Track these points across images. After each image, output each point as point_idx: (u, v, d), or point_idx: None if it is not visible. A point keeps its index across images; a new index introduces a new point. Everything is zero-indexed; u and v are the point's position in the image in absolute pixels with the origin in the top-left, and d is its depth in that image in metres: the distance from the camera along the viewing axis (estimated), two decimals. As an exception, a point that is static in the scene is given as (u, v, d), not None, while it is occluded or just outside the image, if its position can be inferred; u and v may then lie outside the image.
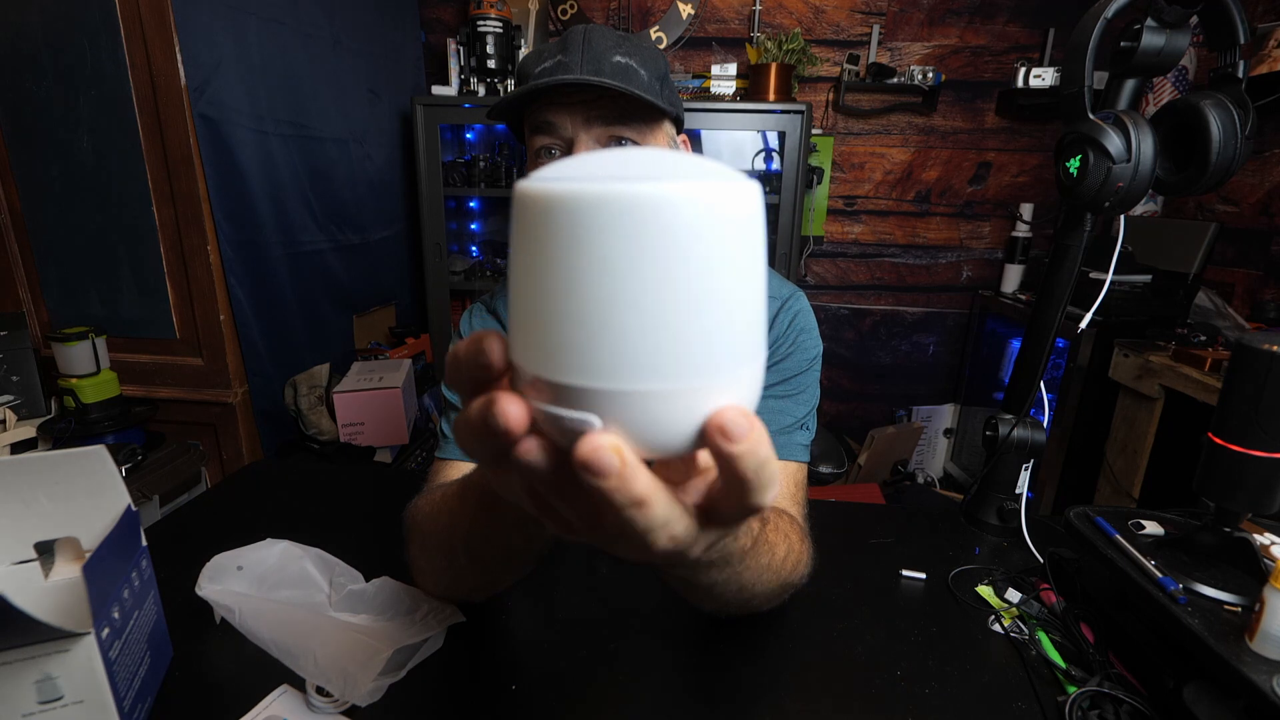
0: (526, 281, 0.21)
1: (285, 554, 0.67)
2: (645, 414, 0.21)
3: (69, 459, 0.51)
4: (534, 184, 0.20)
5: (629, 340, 0.19)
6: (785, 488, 0.68)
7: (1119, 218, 0.75)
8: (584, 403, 0.21)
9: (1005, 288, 2.35)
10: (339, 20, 1.83)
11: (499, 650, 0.62)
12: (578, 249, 0.19)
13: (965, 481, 2.44)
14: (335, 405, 1.70)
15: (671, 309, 0.19)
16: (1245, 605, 0.53)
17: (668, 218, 0.19)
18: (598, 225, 0.19)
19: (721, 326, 0.20)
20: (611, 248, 0.19)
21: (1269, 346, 0.54)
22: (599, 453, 0.20)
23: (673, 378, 0.20)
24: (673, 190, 0.19)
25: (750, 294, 0.21)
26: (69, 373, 1.35)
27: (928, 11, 2.26)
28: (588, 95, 0.63)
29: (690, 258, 0.19)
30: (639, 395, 0.20)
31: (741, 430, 0.21)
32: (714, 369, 0.21)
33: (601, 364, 0.20)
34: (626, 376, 0.20)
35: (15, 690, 0.44)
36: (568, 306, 0.20)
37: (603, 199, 0.19)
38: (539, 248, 0.20)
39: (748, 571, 0.47)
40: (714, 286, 0.20)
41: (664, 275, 0.19)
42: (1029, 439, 0.84)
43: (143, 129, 1.39)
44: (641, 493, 0.22)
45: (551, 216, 0.19)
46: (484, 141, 2.46)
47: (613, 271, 0.19)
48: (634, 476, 0.21)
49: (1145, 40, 0.69)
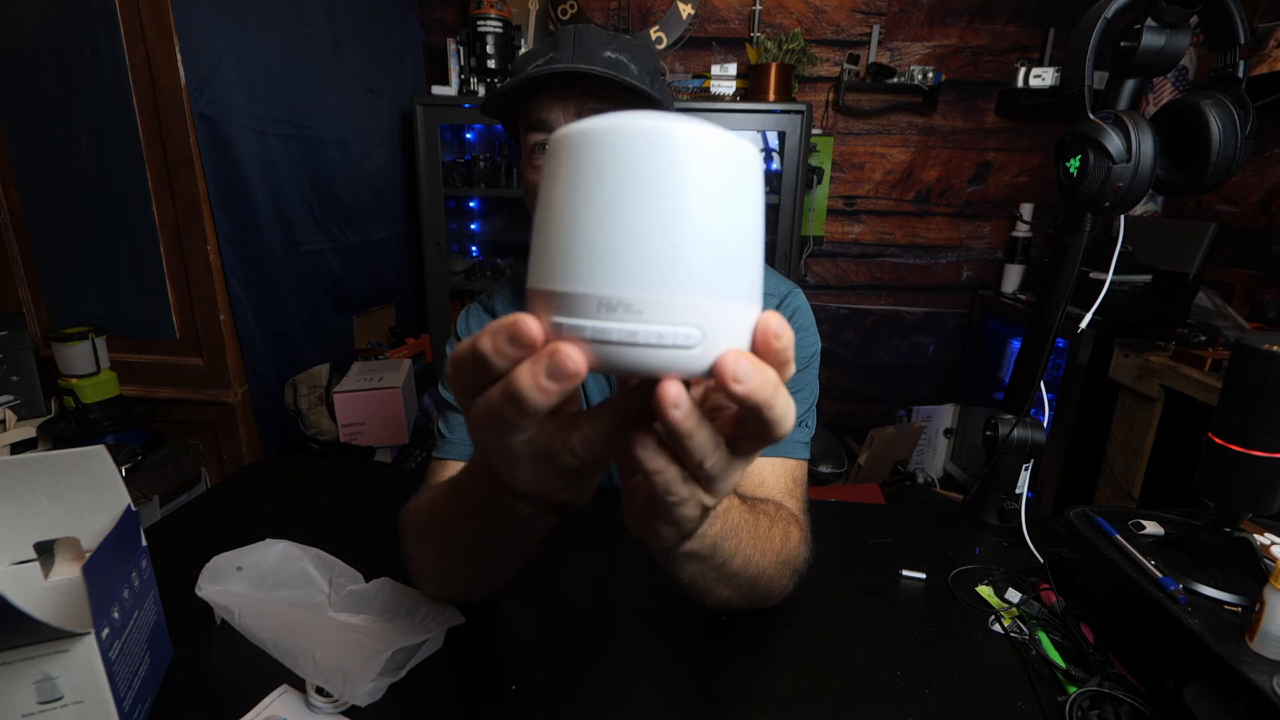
0: (568, 208, 0.24)
1: (285, 554, 0.67)
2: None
3: (69, 459, 0.51)
4: (578, 126, 0.23)
5: (653, 252, 0.22)
6: (783, 484, 0.69)
7: (1119, 218, 0.75)
8: (633, 311, 0.23)
9: (1005, 288, 2.34)
10: (339, 20, 1.83)
11: (499, 650, 0.62)
12: (606, 171, 0.23)
13: (965, 481, 2.44)
14: (335, 405, 1.70)
15: (707, 229, 0.23)
16: (1245, 605, 0.53)
17: (701, 151, 0.22)
18: (642, 152, 0.22)
19: (732, 248, 0.24)
20: (635, 171, 0.22)
21: (1269, 346, 0.54)
22: (669, 386, 0.24)
23: (697, 290, 0.23)
24: (699, 130, 0.22)
25: (755, 236, 0.25)
26: (69, 373, 1.35)
27: (928, 11, 2.26)
28: (580, 88, 0.64)
29: (703, 188, 0.22)
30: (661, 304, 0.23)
31: (746, 372, 0.23)
32: (740, 293, 0.24)
33: (643, 271, 0.22)
34: (654, 284, 0.22)
35: (15, 690, 0.44)
36: (609, 224, 0.23)
37: (642, 132, 0.22)
38: (578, 176, 0.23)
39: (743, 531, 0.48)
40: (741, 219, 0.24)
41: (674, 198, 0.22)
42: (1029, 439, 0.84)
43: (143, 129, 1.39)
44: (694, 425, 0.25)
45: (607, 143, 0.23)
46: (484, 141, 2.46)
47: (634, 191, 0.22)
48: (692, 410, 0.25)
49: (1145, 40, 0.69)
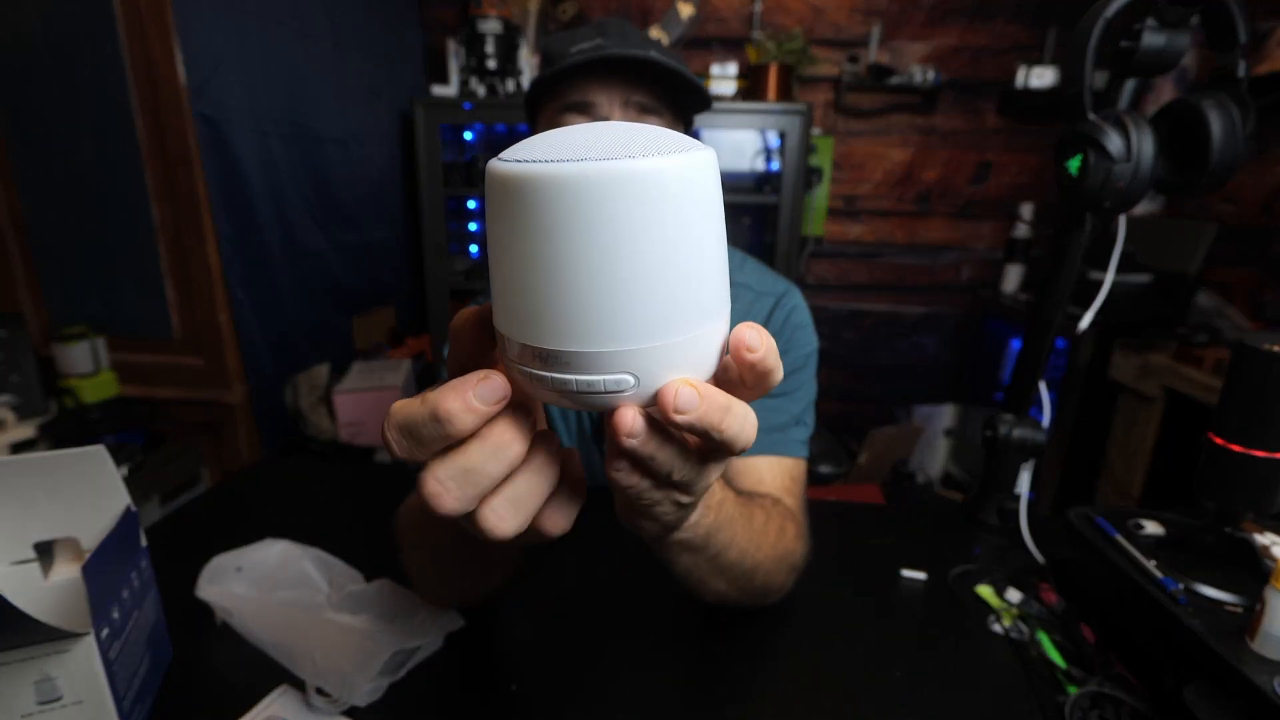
0: (500, 256, 0.23)
1: (285, 554, 0.67)
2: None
3: (69, 459, 0.51)
4: (503, 165, 0.21)
5: (594, 307, 0.21)
6: (781, 482, 0.69)
7: (1119, 218, 0.75)
8: (561, 363, 0.23)
9: (1005, 288, 2.34)
10: (339, 20, 1.83)
11: (498, 650, 0.62)
12: (525, 224, 0.21)
13: (965, 481, 2.44)
14: (335, 405, 1.70)
15: (631, 276, 0.21)
16: (1245, 605, 0.53)
17: (607, 195, 0.20)
18: (545, 204, 0.20)
19: (668, 283, 0.22)
20: (548, 223, 0.20)
21: (1269, 346, 0.54)
22: (626, 414, 0.24)
23: (636, 339, 0.22)
24: (602, 171, 0.20)
25: (697, 259, 0.23)
26: (69, 373, 1.35)
27: (928, 11, 2.25)
28: (625, 76, 0.65)
29: (615, 234, 0.20)
30: (609, 356, 0.22)
31: (686, 402, 0.23)
32: (680, 326, 0.23)
33: (568, 329, 0.22)
34: (602, 340, 0.22)
35: (14, 691, 0.44)
36: (534, 280, 0.21)
37: (547, 180, 0.20)
38: (502, 224, 0.22)
39: (737, 524, 0.48)
40: (673, 253, 0.21)
41: (588, 249, 0.21)
42: (1029, 439, 0.84)
43: (142, 129, 1.39)
44: (655, 448, 0.26)
45: (519, 196, 0.21)
46: (484, 141, 2.46)
47: (549, 244, 0.21)
48: (653, 433, 0.25)
49: (1145, 40, 0.68)
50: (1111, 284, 0.80)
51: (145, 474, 1.36)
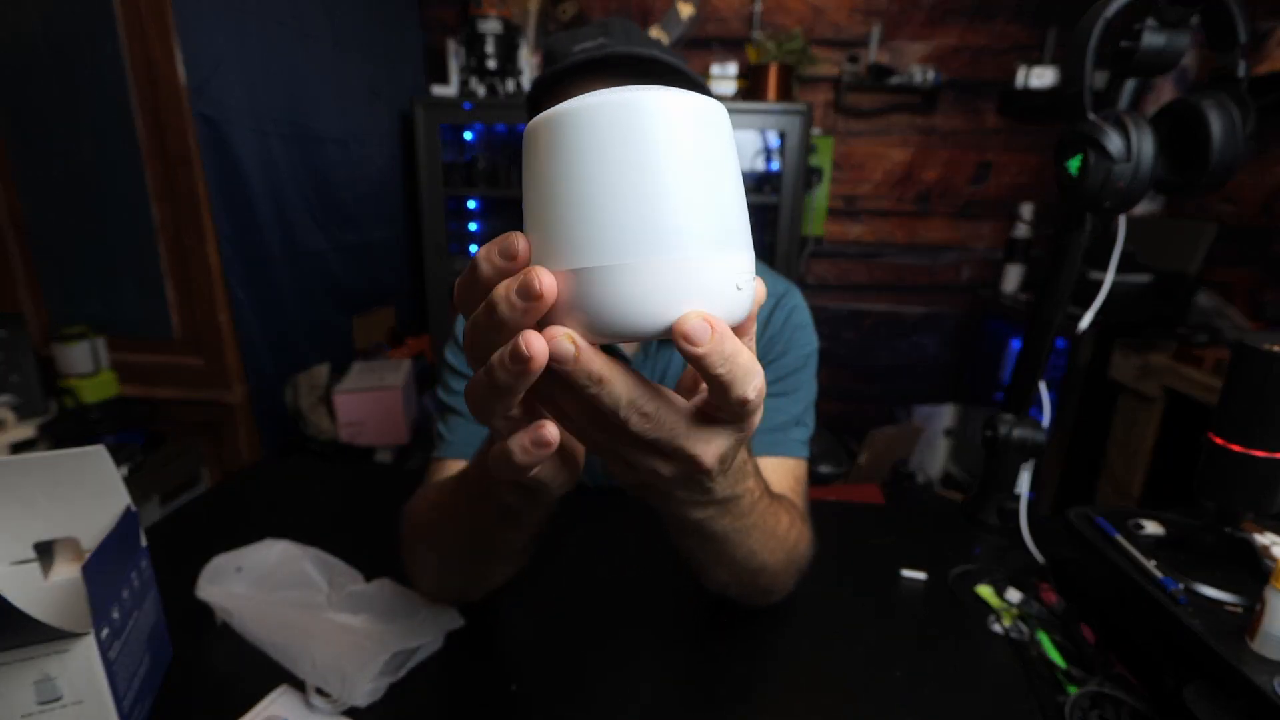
0: (534, 191, 0.26)
1: (285, 554, 0.67)
2: (625, 288, 0.24)
3: (69, 459, 0.51)
4: (546, 113, 0.25)
5: (607, 222, 0.24)
6: (786, 483, 0.68)
7: (1119, 218, 0.75)
8: (582, 283, 0.24)
9: (1005, 288, 2.34)
10: (339, 20, 1.83)
11: (498, 650, 0.62)
12: (552, 155, 0.25)
13: (965, 481, 2.44)
14: (335, 405, 1.70)
15: (641, 193, 0.23)
16: (1245, 605, 0.53)
17: (631, 117, 0.23)
18: (566, 132, 0.24)
19: (681, 210, 0.24)
20: (584, 149, 0.24)
21: (1269, 346, 0.54)
22: (556, 340, 0.24)
23: (644, 252, 0.24)
24: (642, 95, 0.24)
25: (710, 186, 0.25)
26: (69, 373, 1.35)
27: (928, 11, 2.25)
28: (632, 74, 0.65)
29: (646, 150, 0.24)
30: (619, 269, 0.24)
31: (702, 335, 0.24)
32: (678, 245, 0.24)
33: (589, 243, 0.24)
34: (609, 253, 0.24)
35: (14, 691, 0.44)
36: (570, 200, 0.24)
37: (581, 109, 0.24)
38: (541, 160, 0.25)
39: (755, 530, 0.48)
40: (677, 178, 0.24)
41: (630, 165, 0.24)
42: (1029, 439, 0.84)
43: (142, 129, 1.39)
44: (598, 371, 0.25)
45: (547, 131, 0.25)
46: (484, 141, 2.46)
47: (591, 165, 0.24)
48: (589, 358, 0.25)
49: (1145, 40, 0.68)
50: (1111, 284, 0.80)
51: (145, 474, 1.36)
